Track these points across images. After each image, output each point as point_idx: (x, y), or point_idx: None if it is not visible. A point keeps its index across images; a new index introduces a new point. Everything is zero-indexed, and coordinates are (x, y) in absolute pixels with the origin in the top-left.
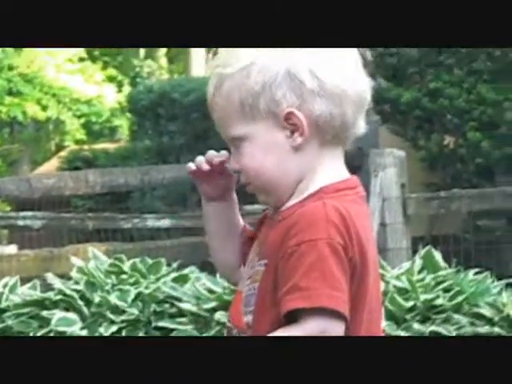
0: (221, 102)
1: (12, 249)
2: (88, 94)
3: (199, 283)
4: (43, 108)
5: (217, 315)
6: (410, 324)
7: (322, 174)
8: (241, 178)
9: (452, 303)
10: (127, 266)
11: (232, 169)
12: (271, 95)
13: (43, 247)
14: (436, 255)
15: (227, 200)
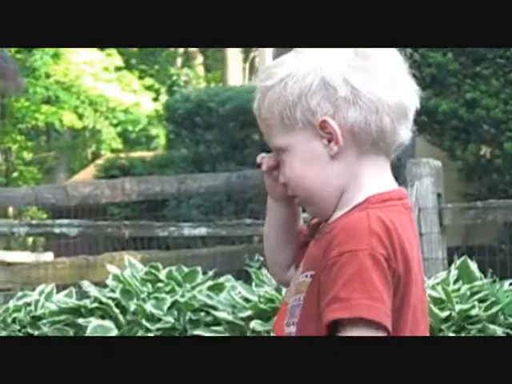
0: (264, 115)
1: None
2: (125, 103)
3: (235, 292)
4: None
5: (252, 324)
6: (446, 334)
7: (368, 185)
8: (288, 191)
9: (487, 313)
10: (163, 275)
11: (281, 182)
12: (307, 104)
13: (79, 255)
14: (471, 265)
15: (290, 202)
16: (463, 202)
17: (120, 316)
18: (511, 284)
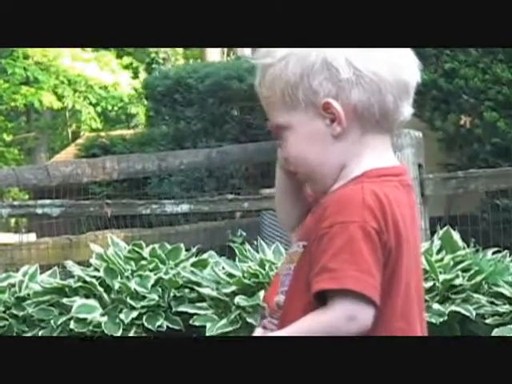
0: (265, 92)
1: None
2: (104, 81)
3: (218, 268)
4: (59, 97)
5: (236, 299)
6: (430, 304)
7: (367, 160)
8: (290, 166)
9: (471, 283)
10: (146, 252)
11: (281, 157)
12: (308, 85)
13: (62, 235)
14: (454, 235)
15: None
16: (444, 173)
17: (104, 294)
18: (494, 253)
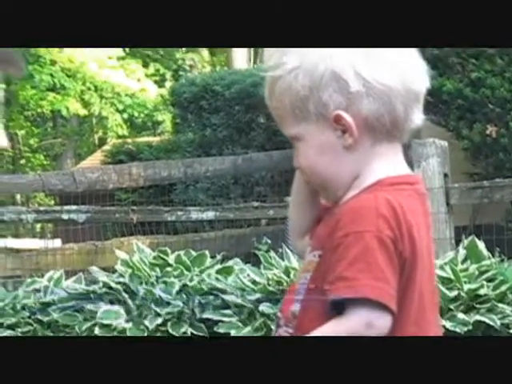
0: (275, 104)
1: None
2: (130, 88)
3: (243, 275)
4: (85, 104)
5: (261, 306)
6: (455, 314)
7: (379, 169)
8: (303, 176)
9: (496, 292)
10: (171, 259)
11: (296, 167)
12: (318, 98)
13: (87, 241)
14: (479, 245)
15: None
16: (470, 182)
17: (129, 301)
18: None
